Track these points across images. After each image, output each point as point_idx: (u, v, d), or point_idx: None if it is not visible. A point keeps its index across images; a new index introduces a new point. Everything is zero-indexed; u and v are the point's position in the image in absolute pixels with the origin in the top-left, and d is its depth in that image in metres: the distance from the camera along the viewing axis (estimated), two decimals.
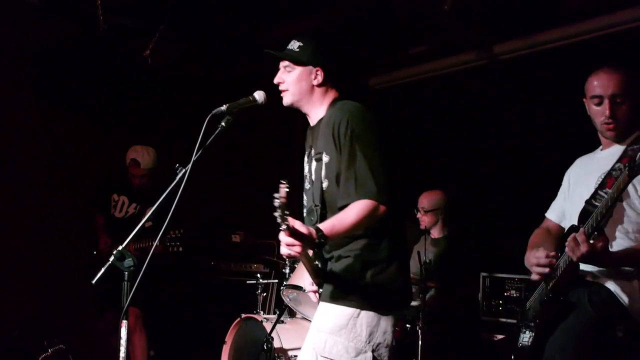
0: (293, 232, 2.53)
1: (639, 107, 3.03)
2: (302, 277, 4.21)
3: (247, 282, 5.48)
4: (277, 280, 5.66)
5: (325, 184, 2.98)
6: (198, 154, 2.76)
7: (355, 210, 2.75)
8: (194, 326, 6.25)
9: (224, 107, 2.84)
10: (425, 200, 5.42)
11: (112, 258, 2.62)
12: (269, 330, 4.45)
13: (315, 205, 3.02)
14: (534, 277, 3.18)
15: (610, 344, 2.82)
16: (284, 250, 2.62)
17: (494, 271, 5.26)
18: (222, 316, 5.18)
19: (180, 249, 5.07)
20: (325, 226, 2.70)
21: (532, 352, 3.04)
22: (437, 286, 5.12)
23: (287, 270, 4.88)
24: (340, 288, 2.90)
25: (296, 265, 4.59)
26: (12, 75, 5.70)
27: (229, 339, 4.89)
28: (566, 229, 3.05)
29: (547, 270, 3.06)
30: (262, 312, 5.18)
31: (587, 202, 2.94)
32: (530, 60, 5.62)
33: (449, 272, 5.28)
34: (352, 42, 6.04)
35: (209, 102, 2.92)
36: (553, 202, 3.42)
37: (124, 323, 2.69)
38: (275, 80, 3.11)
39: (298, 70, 3.07)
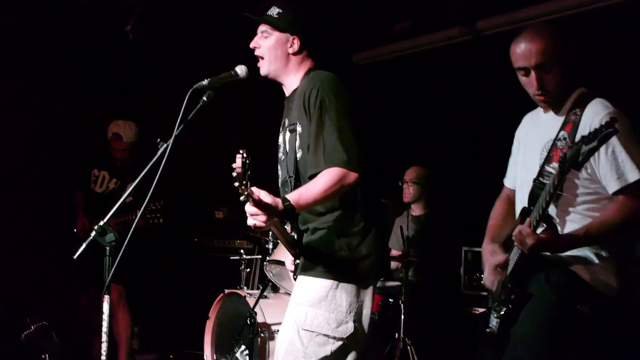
0: (257, 202, 2.50)
1: (569, 69, 2.85)
2: (285, 252, 4.22)
3: (231, 257, 5.50)
4: (260, 256, 5.68)
5: (299, 154, 2.95)
6: (179, 129, 2.73)
7: (323, 179, 2.71)
8: (178, 302, 6.27)
9: (205, 82, 2.80)
10: (413, 173, 5.45)
11: (93, 233, 2.60)
12: (252, 305, 4.47)
13: (289, 177, 3.00)
14: (487, 282, 3.14)
15: (575, 324, 2.74)
16: (249, 221, 2.59)
17: (475, 245, 5.30)
18: (206, 292, 5.20)
19: (161, 220, 5.04)
20: (293, 196, 2.67)
21: (498, 340, 2.98)
22: (418, 261, 5.15)
23: (270, 246, 4.89)
24: (317, 261, 2.89)
25: (279, 241, 4.60)
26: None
27: (213, 314, 4.91)
28: (517, 213, 2.97)
29: (497, 280, 3.04)
30: (245, 288, 5.20)
31: (534, 180, 2.85)
32: (514, 36, 5.61)
33: (430, 248, 5.32)
34: (335, 17, 6.01)
35: (191, 77, 2.89)
36: (508, 167, 3.34)
37: (106, 298, 2.68)
38: (252, 45, 3.08)
39: (275, 36, 3.04)
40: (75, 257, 2.64)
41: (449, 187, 5.78)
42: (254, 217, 2.56)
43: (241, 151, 2.40)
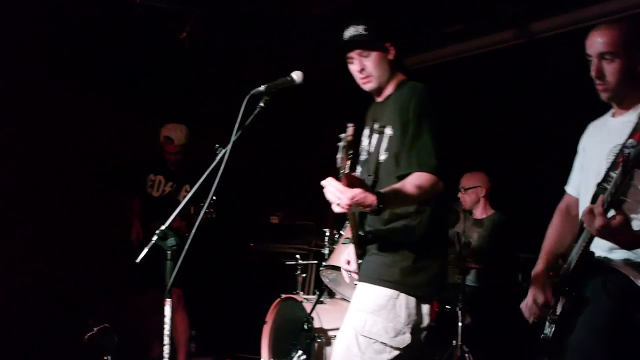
0: (350, 182, 2.52)
1: (636, 67, 2.78)
2: (340, 257, 4.24)
3: (286, 263, 5.53)
4: (316, 261, 5.69)
5: (383, 157, 3.00)
6: (237, 135, 2.78)
7: (418, 181, 2.78)
8: (235, 306, 6.32)
9: (262, 88, 2.85)
10: (465, 180, 5.46)
11: (154, 237, 2.66)
12: (308, 311, 4.48)
13: (369, 176, 3.04)
14: (524, 311, 3.08)
15: (632, 333, 2.65)
16: (331, 198, 2.56)
17: (535, 252, 5.21)
18: (262, 297, 5.22)
19: (214, 215, 5.05)
20: (387, 191, 2.71)
21: (552, 346, 2.91)
22: (477, 267, 5.11)
23: (326, 251, 4.90)
24: (381, 269, 2.93)
25: (335, 247, 4.61)
26: (48, 56, 5.77)
27: (270, 318, 4.93)
28: (580, 215, 2.85)
29: (533, 318, 2.99)
30: (301, 293, 5.22)
31: (598, 185, 2.74)
32: (569, 38, 5.52)
33: (490, 253, 5.26)
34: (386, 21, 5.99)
35: (247, 83, 2.93)
36: (571, 174, 3.28)
37: (168, 302, 2.74)
38: (357, 68, 3.10)
39: (375, 53, 3.08)
40: (137, 261, 2.70)
41: (506, 192, 5.71)
42: (339, 195, 2.53)
43: (351, 124, 2.47)
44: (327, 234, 5.00)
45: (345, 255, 3.21)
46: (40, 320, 5.39)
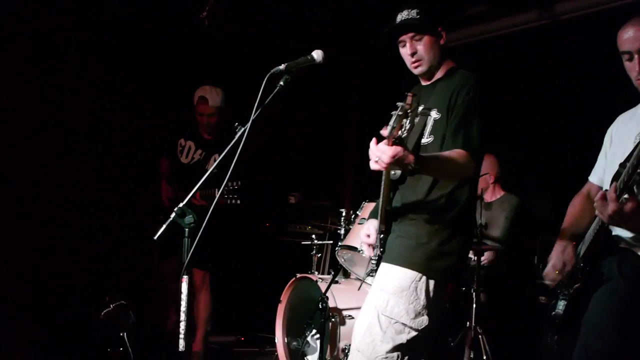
0: (396, 142, 2.52)
1: None
2: (357, 237, 4.24)
3: (302, 243, 5.53)
4: (331, 242, 5.70)
5: (427, 139, 3.03)
6: (257, 113, 2.78)
7: (457, 156, 2.84)
8: (250, 285, 6.35)
9: (282, 67, 2.85)
10: None
11: (173, 214, 2.67)
12: (323, 290, 4.49)
13: None
14: (547, 277, 3.09)
15: None
16: (373, 157, 2.57)
17: (550, 234, 5.18)
18: (278, 276, 5.23)
19: (238, 201, 5.00)
20: (426, 156, 2.76)
21: (563, 323, 2.97)
22: (492, 249, 5.10)
23: (342, 231, 4.90)
24: (406, 251, 2.97)
25: (351, 227, 4.61)
26: (72, 38, 5.80)
27: (284, 297, 4.95)
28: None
29: (554, 283, 3.02)
30: (316, 272, 5.23)
31: (621, 164, 2.71)
32: (593, 20, 5.45)
33: (503, 235, 5.25)
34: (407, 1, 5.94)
35: (268, 62, 2.91)
36: (596, 164, 3.26)
37: (185, 279, 2.74)
38: (409, 52, 3.12)
39: (427, 36, 3.10)
40: (155, 237, 2.71)
41: (523, 175, 5.68)
42: (381, 153, 2.53)
43: (410, 93, 2.50)
44: (344, 214, 5.00)
45: (365, 229, 3.20)
46: (56, 297, 5.44)
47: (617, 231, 2.76)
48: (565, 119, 5.56)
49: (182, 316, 2.77)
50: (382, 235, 3.06)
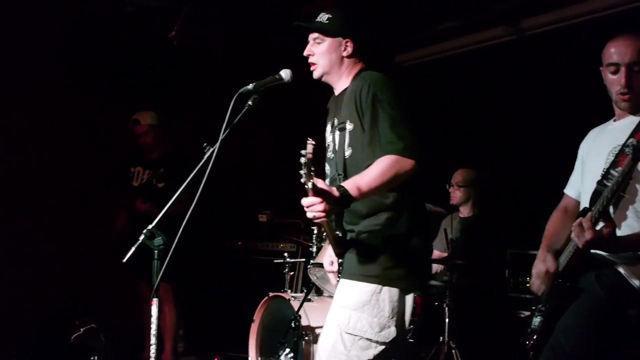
0: (317, 191, 2.49)
1: None
2: (325, 254, 4.22)
3: (275, 261, 5.51)
4: (304, 259, 5.68)
5: (347, 152, 2.96)
6: (225, 133, 2.76)
7: (379, 165, 2.70)
8: (223, 305, 6.30)
9: (250, 86, 2.84)
10: (460, 175, 5.42)
11: (142, 237, 2.63)
12: (296, 309, 4.47)
13: (339, 175, 3.00)
14: (533, 287, 3.13)
15: (619, 326, 2.72)
16: (309, 214, 2.56)
17: (521, 248, 5.24)
18: (250, 295, 5.20)
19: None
20: (347, 183, 2.67)
21: (540, 337, 2.98)
22: (464, 264, 5.11)
23: (314, 249, 4.89)
24: (361, 265, 2.90)
25: (323, 244, 4.60)
26: (38, 55, 5.75)
27: (257, 317, 4.92)
28: (579, 212, 2.93)
29: (543, 287, 3.04)
30: (289, 291, 5.20)
31: (598, 182, 2.81)
32: (559, 35, 5.53)
33: (476, 250, 5.26)
34: (378, 17, 5.98)
35: (236, 82, 2.91)
36: (570, 177, 3.30)
37: (155, 301, 2.71)
38: (305, 53, 3.11)
39: (327, 41, 3.07)
40: (124, 260, 2.67)
41: (495, 189, 5.71)
42: (312, 208, 2.53)
43: (310, 138, 2.42)
44: (315, 232, 4.98)
45: (327, 256, 3.19)
46: (26, 321, 5.36)
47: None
48: (536, 133, 5.62)
49: (153, 339, 2.73)
50: (340, 260, 3.03)
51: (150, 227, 2.66)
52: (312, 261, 4.59)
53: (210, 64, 6.57)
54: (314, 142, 2.41)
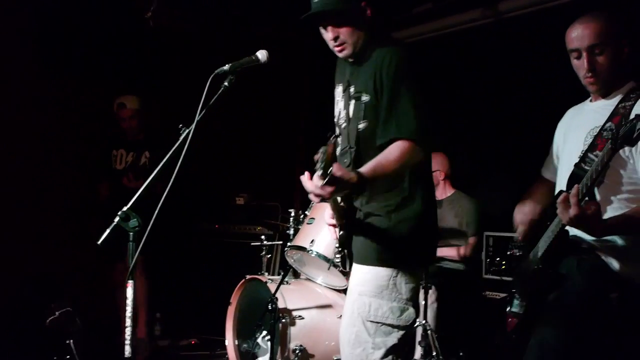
0: (334, 180, 2.46)
1: (622, 54, 2.82)
2: (306, 237, 4.22)
3: (252, 244, 5.49)
4: (281, 242, 5.67)
5: (362, 125, 2.88)
6: (201, 115, 2.74)
7: (397, 153, 2.68)
8: (200, 288, 6.29)
9: (226, 67, 2.80)
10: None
11: (117, 219, 2.61)
12: (273, 291, 4.47)
13: (350, 147, 2.93)
14: (517, 235, 3.14)
15: (602, 312, 2.72)
16: (313, 194, 2.54)
17: (497, 230, 5.27)
18: (227, 278, 5.18)
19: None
20: (367, 170, 2.63)
21: (522, 321, 2.98)
22: (440, 246, 5.13)
23: (291, 232, 4.88)
24: (375, 248, 2.86)
25: (300, 227, 4.59)
26: (12, 37, 5.68)
27: (234, 299, 4.91)
28: (556, 192, 2.92)
29: (526, 229, 3.06)
30: (266, 274, 5.20)
31: (576, 165, 2.81)
32: (537, 18, 5.53)
33: (452, 232, 5.30)
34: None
35: (212, 62, 2.88)
36: (547, 158, 3.30)
37: (130, 284, 2.69)
38: (331, 37, 2.90)
39: (347, 17, 2.87)
40: (98, 242, 2.64)
41: (470, 172, 5.73)
42: (322, 190, 2.50)
43: (333, 134, 2.45)
44: (292, 214, 4.97)
45: (328, 209, 3.03)
46: (0, 305, 5.30)
47: (575, 231, 2.77)
48: (512, 116, 5.64)
49: (128, 322, 2.71)
50: (341, 232, 2.95)
51: (125, 208, 2.64)
52: (289, 244, 4.58)
53: (186, 44, 6.51)
54: (335, 139, 2.44)
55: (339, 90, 3.10)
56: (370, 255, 2.87)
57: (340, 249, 2.98)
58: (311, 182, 2.53)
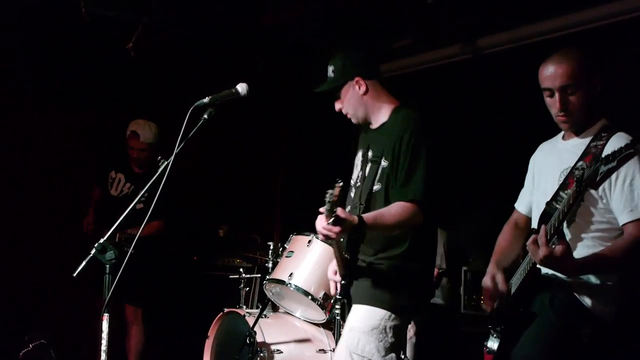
0: (338, 220, 2.70)
1: (595, 92, 2.88)
2: (285, 270, 4.21)
3: (230, 276, 5.46)
4: (259, 275, 5.63)
5: (376, 187, 3.13)
6: (180, 147, 2.74)
7: (399, 211, 2.97)
8: (177, 321, 6.21)
9: (206, 100, 2.83)
10: None
11: (93, 251, 2.59)
12: (251, 325, 4.43)
13: (360, 204, 3.17)
14: (484, 306, 3.21)
15: (576, 349, 2.77)
16: (321, 233, 2.82)
17: (476, 265, 5.28)
18: (205, 311, 5.15)
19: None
20: (368, 216, 2.91)
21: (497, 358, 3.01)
22: None
23: (270, 265, 4.86)
24: (373, 291, 3.09)
25: (279, 260, 4.57)
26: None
27: (212, 333, 4.86)
28: (530, 232, 2.97)
29: (492, 305, 3.11)
30: (244, 307, 5.15)
31: (547, 203, 2.86)
32: (515, 54, 5.61)
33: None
34: (335, 35, 6.02)
35: (192, 95, 2.89)
36: (521, 192, 3.35)
37: (106, 317, 2.66)
38: (337, 109, 3.32)
39: (343, 91, 3.25)
40: (74, 274, 2.62)
41: (449, 206, 5.75)
42: (328, 230, 2.76)
43: (339, 180, 2.67)
44: (272, 247, 4.96)
45: (332, 265, 3.34)
46: None
47: (547, 270, 2.80)
48: (490, 149, 5.68)
49: (103, 356, 2.68)
50: (344, 282, 3.19)
51: (101, 240, 2.62)
52: (267, 277, 4.56)
53: (167, 75, 6.51)
54: (342, 184, 2.65)
55: (359, 156, 3.38)
56: (367, 296, 3.10)
57: (341, 298, 3.27)
58: (320, 222, 2.80)
